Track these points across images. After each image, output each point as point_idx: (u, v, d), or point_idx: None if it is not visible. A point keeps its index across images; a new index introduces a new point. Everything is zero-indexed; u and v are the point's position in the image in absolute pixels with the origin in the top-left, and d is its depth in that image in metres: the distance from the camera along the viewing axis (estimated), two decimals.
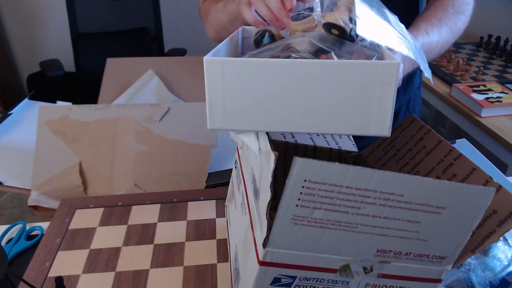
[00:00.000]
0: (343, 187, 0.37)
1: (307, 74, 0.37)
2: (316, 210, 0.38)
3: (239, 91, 0.38)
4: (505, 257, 0.61)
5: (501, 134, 1.25)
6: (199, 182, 0.85)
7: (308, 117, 0.38)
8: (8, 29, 2.47)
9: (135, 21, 2.17)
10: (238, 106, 0.39)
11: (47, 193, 0.82)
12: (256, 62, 0.37)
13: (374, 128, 0.38)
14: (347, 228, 0.39)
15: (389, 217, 0.39)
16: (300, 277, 0.42)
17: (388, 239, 0.40)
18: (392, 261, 0.42)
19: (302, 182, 0.36)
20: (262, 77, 0.37)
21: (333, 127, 0.38)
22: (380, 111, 0.37)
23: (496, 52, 1.74)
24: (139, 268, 0.63)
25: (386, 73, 0.36)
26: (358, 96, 0.37)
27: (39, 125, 0.86)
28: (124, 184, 0.84)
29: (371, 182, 0.37)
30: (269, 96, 0.38)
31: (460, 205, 0.39)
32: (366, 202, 0.38)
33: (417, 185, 0.37)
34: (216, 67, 0.38)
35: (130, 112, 0.89)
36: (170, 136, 0.88)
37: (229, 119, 0.40)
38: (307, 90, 0.37)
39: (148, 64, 1.23)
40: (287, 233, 0.39)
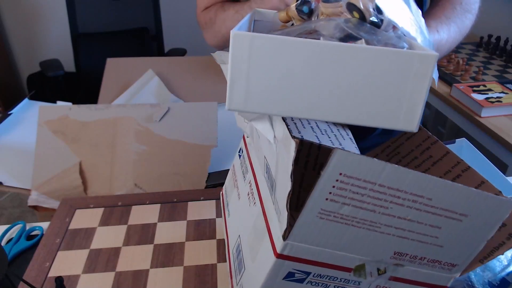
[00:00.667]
0: (376, 184, 0.35)
1: (340, 58, 0.35)
2: (344, 206, 0.36)
3: (265, 71, 0.36)
4: (505, 257, 0.61)
5: (501, 134, 1.26)
6: (199, 182, 0.85)
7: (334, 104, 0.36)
8: (8, 29, 2.47)
9: (135, 21, 2.17)
10: (262, 87, 0.36)
11: (47, 193, 0.82)
12: (288, 40, 0.35)
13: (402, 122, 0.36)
14: (371, 227, 0.38)
15: (413, 219, 0.38)
16: (314, 274, 0.41)
17: (407, 242, 0.40)
18: (406, 265, 0.42)
19: (337, 175, 0.34)
20: (291, 58, 0.35)
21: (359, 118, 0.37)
22: (410, 105, 0.36)
23: (496, 52, 1.74)
24: (139, 268, 0.63)
25: (422, 65, 0.34)
26: (389, 87, 0.35)
27: (39, 125, 0.86)
28: (124, 184, 0.84)
29: (404, 182, 0.36)
30: (296, 79, 0.36)
31: (481, 214, 0.38)
32: (394, 202, 0.37)
33: (446, 189, 0.36)
34: (244, 42, 0.35)
35: (130, 112, 0.89)
36: (170, 136, 0.88)
37: (251, 101, 0.37)
38: (337, 76, 0.35)
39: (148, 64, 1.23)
40: (311, 227, 0.37)
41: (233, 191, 0.61)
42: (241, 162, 0.60)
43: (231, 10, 0.70)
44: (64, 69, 2.05)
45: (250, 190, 0.52)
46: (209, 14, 0.76)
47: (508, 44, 1.73)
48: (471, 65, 1.58)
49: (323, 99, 0.36)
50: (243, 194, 0.55)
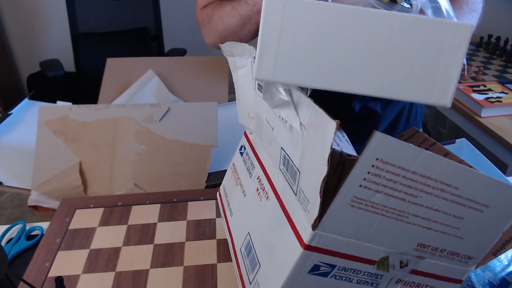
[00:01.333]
0: (409, 171, 0.35)
1: (374, 25, 0.34)
2: (377, 193, 0.36)
3: (297, 38, 0.35)
4: (505, 257, 0.61)
5: (501, 134, 1.26)
6: (199, 182, 0.86)
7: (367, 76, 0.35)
8: (8, 29, 2.47)
9: (135, 21, 2.17)
10: (294, 55, 0.35)
11: (47, 193, 0.82)
12: (323, 5, 0.34)
13: (435, 97, 0.35)
14: (399, 217, 0.38)
15: (439, 209, 0.38)
16: (339, 267, 0.40)
17: (430, 233, 0.39)
18: (427, 257, 0.42)
19: (373, 160, 0.33)
20: (325, 24, 0.34)
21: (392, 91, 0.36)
22: (444, 78, 0.35)
23: (496, 52, 1.74)
24: (139, 268, 0.63)
25: (458, 35, 0.33)
26: (424, 58, 0.34)
27: (39, 125, 0.86)
28: (124, 184, 0.84)
29: (435, 170, 0.35)
30: (328, 48, 0.35)
31: (501, 204, 0.38)
32: (424, 191, 0.36)
33: (473, 179, 0.36)
34: (277, 6, 0.34)
35: (130, 112, 0.89)
36: (170, 136, 0.88)
37: (280, 69, 0.36)
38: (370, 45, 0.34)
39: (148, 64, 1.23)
40: (342, 216, 0.36)
41: (234, 189, 0.60)
42: (244, 159, 0.59)
43: (228, 6, 0.70)
44: (64, 69, 2.05)
45: (260, 186, 0.51)
46: (207, 11, 0.75)
47: (508, 44, 1.73)
48: (471, 65, 1.58)
49: (355, 70, 0.35)
50: (250, 191, 0.54)
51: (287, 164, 0.44)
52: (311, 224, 0.37)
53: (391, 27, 0.34)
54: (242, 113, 0.57)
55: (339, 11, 0.34)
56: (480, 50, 1.80)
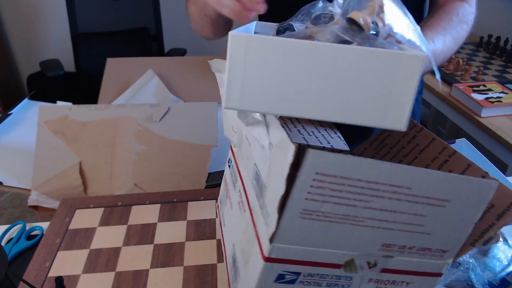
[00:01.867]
0: (354, 179, 0.36)
1: (331, 58, 0.36)
2: (325, 203, 0.37)
3: (260, 71, 0.37)
4: (505, 257, 0.61)
5: (501, 134, 1.26)
6: (199, 182, 0.86)
7: (326, 103, 0.37)
8: (8, 29, 2.47)
9: (135, 21, 2.17)
10: (257, 86, 0.37)
11: (47, 193, 0.82)
12: (282, 41, 0.36)
13: (390, 121, 0.37)
14: (354, 222, 0.39)
15: (395, 210, 0.39)
16: (304, 273, 0.42)
17: (393, 233, 0.40)
18: (396, 255, 0.42)
19: (313, 174, 0.35)
20: (285, 58, 0.36)
21: (350, 117, 0.37)
22: (399, 104, 0.36)
23: (496, 52, 1.74)
24: (139, 268, 0.63)
25: (410, 65, 0.35)
26: (379, 87, 0.36)
27: (39, 125, 0.86)
28: (124, 184, 0.84)
29: (381, 175, 0.36)
30: (289, 79, 0.37)
31: (464, 198, 0.39)
32: (374, 196, 0.37)
33: (424, 178, 0.37)
34: (241, 43, 0.36)
35: (130, 112, 0.89)
36: (170, 136, 0.88)
37: (247, 99, 0.38)
38: (328, 76, 0.36)
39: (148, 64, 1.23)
40: (295, 228, 0.38)
41: (226, 201, 0.61)
42: (231, 172, 0.61)
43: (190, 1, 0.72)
44: (64, 69, 2.05)
45: (240, 199, 0.53)
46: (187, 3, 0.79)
47: (508, 44, 1.73)
48: (471, 65, 1.58)
49: (315, 98, 0.37)
50: (234, 203, 0.56)
51: (257, 178, 0.45)
52: (269, 237, 0.39)
53: (346, 59, 0.35)
54: (227, 126, 0.59)
55: (295, 45, 0.36)
56: (480, 50, 1.80)
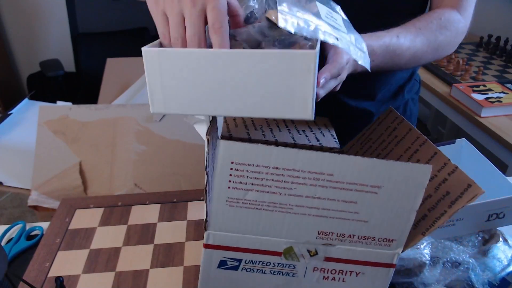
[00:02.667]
0: (270, 167, 0.38)
1: (232, 63, 0.39)
2: (248, 191, 0.40)
3: (175, 78, 0.40)
4: (505, 257, 0.61)
5: (501, 134, 1.25)
6: (199, 182, 0.86)
7: (240, 102, 0.40)
8: (8, 29, 2.47)
9: (135, 21, 2.17)
10: (176, 92, 0.41)
11: (47, 193, 0.82)
12: (188, 52, 0.40)
13: (297, 112, 0.40)
14: (283, 209, 0.41)
15: (322, 197, 0.40)
16: (245, 260, 0.44)
17: (327, 220, 0.42)
18: (336, 244, 0.43)
19: (229, 164, 0.38)
20: (194, 66, 0.39)
21: (261, 111, 0.40)
22: (302, 96, 0.39)
23: (496, 52, 1.74)
24: (139, 268, 0.63)
25: (304, 62, 0.38)
26: (281, 82, 0.39)
27: (39, 125, 0.86)
28: (124, 184, 0.84)
29: (297, 162, 0.38)
30: (203, 83, 0.40)
31: (396, 183, 0.40)
32: (296, 183, 0.39)
33: (344, 163, 0.39)
34: (153, 57, 0.40)
35: (130, 112, 0.89)
36: (170, 136, 0.88)
37: (169, 104, 0.42)
38: (236, 78, 0.39)
39: None
40: (225, 215, 0.41)
41: None
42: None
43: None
44: (64, 69, 2.05)
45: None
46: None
47: (508, 44, 1.73)
48: (471, 65, 1.58)
49: (228, 98, 0.40)
50: None
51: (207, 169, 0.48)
52: (203, 225, 0.42)
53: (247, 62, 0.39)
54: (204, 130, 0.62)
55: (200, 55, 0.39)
56: (480, 50, 1.80)
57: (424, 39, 0.63)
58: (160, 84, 0.41)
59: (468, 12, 0.70)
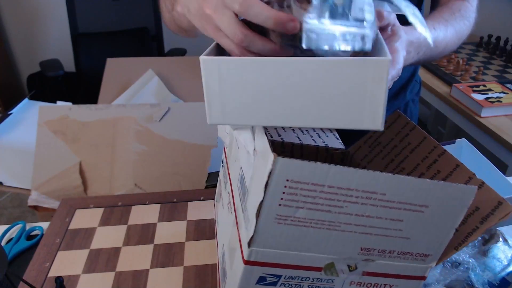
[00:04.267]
0: (325, 186, 0.37)
1: (300, 72, 0.37)
2: (299, 209, 0.38)
3: (235, 88, 0.39)
4: (505, 257, 0.61)
5: (501, 134, 1.26)
6: (199, 182, 0.86)
7: (305, 112, 0.39)
8: (8, 29, 2.47)
9: (135, 21, 2.17)
10: (235, 102, 0.39)
11: (47, 193, 0.82)
12: (249, 60, 0.38)
13: (367, 123, 0.38)
14: (331, 227, 0.40)
15: (371, 215, 0.39)
16: (285, 276, 0.43)
17: (371, 238, 0.41)
18: (376, 259, 0.43)
19: (284, 182, 0.36)
20: (256, 75, 0.38)
21: (328, 122, 0.39)
22: (372, 106, 0.37)
23: (496, 52, 1.74)
24: (139, 268, 0.63)
25: (377, 70, 0.36)
26: (351, 92, 0.37)
27: (39, 125, 0.86)
28: (124, 184, 0.84)
29: (353, 182, 0.37)
30: (265, 92, 0.38)
31: (443, 203, 0.39)
32: (348, 201, 0.38)
33: (399, 184, 0.38)
34: (213, 66, 0.38)
35: (130, 112, 0.89)
36: (170, 136, 0.88)
37: (227, 115, 0.40)
38: (301, 87, 0.38)
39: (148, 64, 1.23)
40: (271, 232, 0.39)
41: (220, 201, 0.62)
42: (224, 173, 0.61)
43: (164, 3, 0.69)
44: (64, 69, 2.05)
45: (229, 200, 0.53)
46: None
47: (508, 44, 1.73)
48: (471, 65, 1.58)
49: (292, 107, 0.39)
50: (225, 203, 0.56)
51: (242, 182, 0.47)
52: (247, 241, 0.40)
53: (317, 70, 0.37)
54: (221, 128, 0.59)
55: (264, 63, 0.37)
56: (480, 50, 1.80)
57: (453, 30, 0.65)
58: (219, 94, 0.39)
59: (475, 3, 0.74)
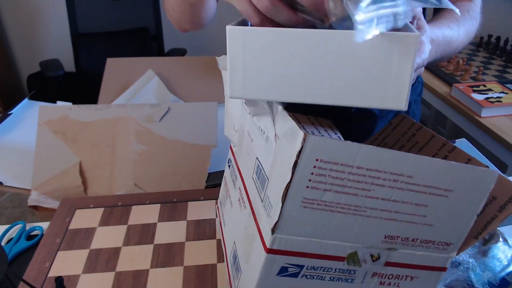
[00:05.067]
0: (354, 167, 0.36)
1: (325, 44, 0.36)
2: (326, 192, 0.37)
3: (259, 61, 0.38)
4: (505, 257, 0.61)
5: (501, 134, 1.26)
6: (199, 182, 0.86)
7: (327, 88, 0.38)
8: (8, 29, 2.47)
9: (135, 21, 2.17)
10: (259, 75, 0.39)
11: (47, 193, 0.82)
12: (276, 31, 0.37)
13: (390, 102, 0.37)
14: (356, 212, 0.39)
15: (397, 200, 0.39)
16: (307, 266, 0.41)
17: (396, 224, 0.40)
18: (399, 248, 0.42)
19: (314, 161, 0.35)
20: (282, 47, 0.37)
21: (351, 99, 0.38)
22: (397, 84, 0.36)
23: (496, 52, 1.74)
24: (139, 268, 0.63)
25: (406, 45, 0.35)
26: (376, 68, 0.36)
27: (39, 125, 0.86)
28: (124, 184, 0.84)
29: (381, 162, 0.36)
30: (289, 67, 0.38)
31: (466, 187, 0.39)
32: (376, 184, 0.37)
33: (425, 166, 0.37)
34: (238, 36, 0.37)
35: (130, 112, 0.89)
36: (170, 136, 0.88)
37: (249, 88, 0.40)
38: (326, 61, 0.37)
39: (148, 64, 1.23)
40: (297, 218, 0.38)
41: (226, 201, 0.62)
42: (231, 172, 0.61)
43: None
44: (64, 69, 2.05)
45: (240, 196, 0.53)
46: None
47: (508, 44, 1.73)
48: (471, 65, 1.58)
49: (316, 83, 0.38)
50: (234, 201, 0.56)
51: (259, 173, 0.46)
52: (271, 228, 0.39)
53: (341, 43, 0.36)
54: (228, 126, 0.59)
55: (291, 34, 0.37)
56: (480, 50, 1.80)
57: (464, 30, 0.66)
58: (243, 66, 0.38)
59: (480, 4, 0.75)
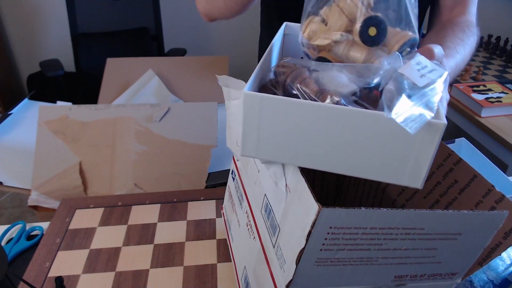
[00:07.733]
0: (368, 228, 0.36)
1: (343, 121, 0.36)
2: (339, 251, 0.38)
3: (273, 126, 0.38)
4: (507, 256, 0.61)
5: (501, 134, 1.25)
6: (199, 182, 0.85)
7: (342, 159, 0.38)
8: (8, 29, 2.47)
9: (135, 21, 2.17)
10: (272, 139, 0.39)
11: (47, 193, 0.82)
12: (292, 102, 0.37)
13: (407, 179, 0.37)
14: (368, 262, 0.40)
15: (409, 248, 0.39)
16: None
17: (405, 266, 0.41)
18: (407, 283, 0.43)
19: (327, 229, 0.36)
20: (298, 116, 0.37)
21: (366, 172, 0.38)
22: (416, 165, 0.36)
23: (496, 52, 1.74)
24: (139, 268, 0.63)
25: (430, 132, 0.34)
26: (397, 148, 0.36)
27: (39, 125, 0.86)
28: (124, 184, 0.84)
29: (394, 221, 0.37)
30: (303, 134, 0.38)
31: (475, 229, 0.39)
32: (388, 239, 0.38)
33: (437, 218, 0.37)
34: (254, 102, 0.38)
35: (130, 112, 0.89)
36: (170, 136, 0.88)
37: (262, 150, 0.40)
38: (341, 135, 0.37)
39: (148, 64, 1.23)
40: (311, 274, 0.39)
41: (232, 215, 0.61)
42: (236, 186, 0.60)
43: None
44: (64, 69, 2.05)
45: (248, 222, 0.53)
46: None
47: (508, 44, 1.73)
48: (471, 65, 1.58)
49: (331, 154, 0.38)
50: (242, 222, 0.56)
51: (268, 212, 0.46)
52: (285, 284, 0.40)
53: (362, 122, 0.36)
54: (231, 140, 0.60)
55: (307, 107, 0.37)
56: (480, 50, 1.80)
57: (468, 49, 0.68)
58: (257, 129, 0.39)
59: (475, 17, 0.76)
